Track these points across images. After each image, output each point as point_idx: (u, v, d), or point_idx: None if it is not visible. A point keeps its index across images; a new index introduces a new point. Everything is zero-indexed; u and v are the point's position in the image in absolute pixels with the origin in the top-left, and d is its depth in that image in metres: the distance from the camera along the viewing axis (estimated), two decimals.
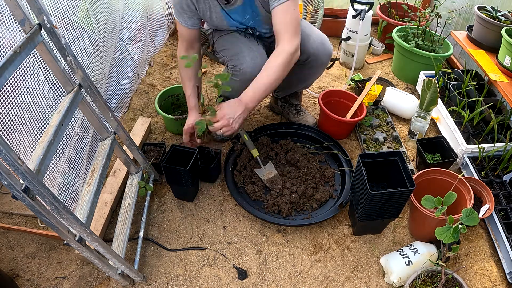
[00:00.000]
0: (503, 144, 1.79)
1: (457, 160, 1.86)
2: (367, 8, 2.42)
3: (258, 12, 1.61)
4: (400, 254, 1.48)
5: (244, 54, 1.59)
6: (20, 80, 1.16)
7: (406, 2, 2.90)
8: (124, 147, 1.57)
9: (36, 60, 1.25)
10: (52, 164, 1.26)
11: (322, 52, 1.70)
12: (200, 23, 1.70)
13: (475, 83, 2.13)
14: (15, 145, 1.12)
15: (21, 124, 1.16)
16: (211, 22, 1.68)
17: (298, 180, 1.76)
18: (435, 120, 2.17)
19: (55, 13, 1.35)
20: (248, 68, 1.58)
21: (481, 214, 1.55)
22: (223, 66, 1.80)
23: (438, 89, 1.89)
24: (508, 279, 1.49)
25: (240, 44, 1.64)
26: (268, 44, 1.84)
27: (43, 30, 1.03)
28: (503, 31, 2.00)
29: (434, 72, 2.33)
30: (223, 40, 1.72)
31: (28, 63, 1.20)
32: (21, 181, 0.87)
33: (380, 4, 2.98)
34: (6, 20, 1.07)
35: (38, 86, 1.25)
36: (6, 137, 1.08)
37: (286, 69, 1.50)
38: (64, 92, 1.23)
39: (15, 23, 1.09)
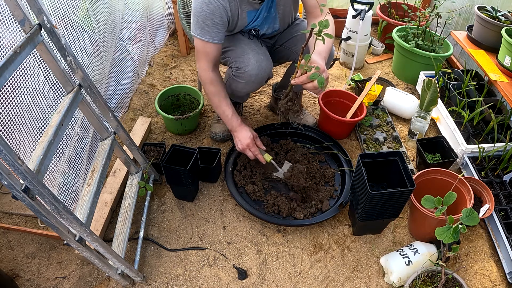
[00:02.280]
0: (503, 144, 1.79)
1: (457, 160, 1.86)
2: (367, 8, 2.42)
3: (275, 8, 1.61)
4: (400, 254, 1.48)
5: (249, 56, 1.59)
6: (20, 80, 1.16)
7: (406, 2, 2.90)
8: (124, 147, 1.57)
9: (36, 60, 1.25)
10: (52, 164, 1.27)
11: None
12: None
13: (475, 83, 2.13)
14: (15, 145, 1.12)
15: (21, 124, 1.16)
16: (231, 27, 1.60)
17: (302, 178, 1.77)
18: (435, 120, 2.17)
19: (55, 13, 1.35)
20: (253, 70, 1.58)
21: (481, 214, 1.55)
22: (225, 66, 1.78)
23: (438, 89, 1.89)
24: (508, 279, 1.49)
25: (245, 45, 1.64)
26: (271, 45, 1.84)
27: (43, 30, 1.03)
28: (503, 31, 2.00)
29: (434, 72, 2.33)
30: (228, 42, 1.71)
31: (28, 63, 1.20)
32: (21, 181, 0.87)
33: (380, 4, 2.98)
34: (6, 20, 1.07)
35: (38, 86, 1.25)
36: (6, 137, 1.08)
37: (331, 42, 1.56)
38: (64, 92, 1.23)
39: (15, 23, 1.09)
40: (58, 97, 1.36)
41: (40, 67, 1.26)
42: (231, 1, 1.47)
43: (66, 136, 1.40)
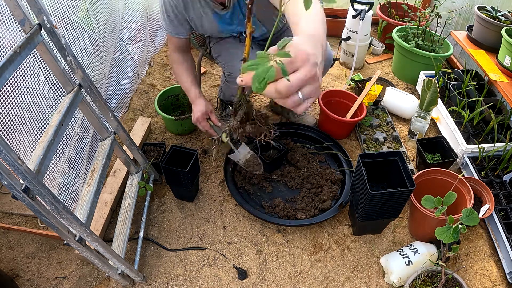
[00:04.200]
0: (503, 144, 1.79)
1: (457, 160, 1.86)
2: (367, 8, 2.42)
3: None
4: (400, 254, 1.48)
5: (239, 60, 1.59)
6: (20, 80, 1.16)
7: (406, 2, 2.90)
8: (124, 147, 1.57)
9: (36, 60, 1.25)
10: (52, 164, 1.26)
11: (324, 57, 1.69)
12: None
13: (475, 83, 2.13)
14: (15, 145, 1.12)
15: (21, 124, 1.15)
16: (202, 30, 1.65)
17: (299, 180, 1.77)
18: (435, 120, 2.17)
19: (55, 13, 1.35)
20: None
21: (481, 214, 1.55)
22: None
23: (438, 89, 1.89)
24: (508, 279, 1.49)
25: (235, 50, 1.63)
26: (263, 47, 1.83)
27: (43, 30, 1.03)
28: (503, 31, 2.00)
29: (434, 72, 2.33)
30: (219, 46, 1.72)
31: (28, 63, 1.20)
32: (21, 181, 0.87)
33: (380, 4, 2.98)
34: (6, 20, 1.07)
35: (38, 86, 1.25)
36: (6, 137, 1.08)
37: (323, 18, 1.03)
38: (64, 92, 1.23)
39: (15, 23, 1.09)
40: (58, 97, 1.36)
41: (40, 67, 1.26)
42: (191, 4, 1.51)
43: (66, 136, 1.39)
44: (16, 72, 1.14)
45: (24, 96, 1.18)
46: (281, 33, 1.80)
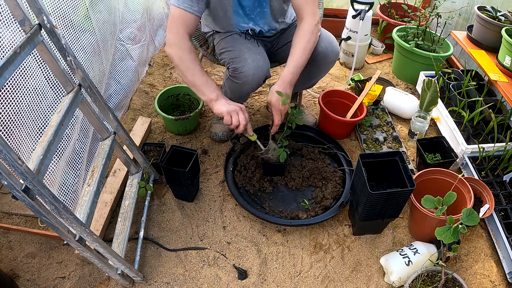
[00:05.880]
0: (503, 144, 1.79)
1: (457, 160, 1.86)
2: (367, 8, 2.42)
3: (267, 2, 1.61)
4: (400, 254, 1.48)
5: (246, 56, 1.59)
6: (20, 80, 1.16)
7: (406, 2, 2.90)
8: (124, 147, 1.57)
9: (36, 60, 1.25)
10: (52, 164, 1.26)
11: (330, 51, 1.71)
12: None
13: (475, 83, 2.13)
14: (15, 145, 1.12)
15: (21, 124, 1.15)
16: (214, 12, 1.62)
17: (299, 180, 1.77)
18: (435, 120, 2.17)
19: (55, 13, 1.35)
20: (250, 70, 1.58)
21: (481, 214, 1.55)
22: (222, 66, 1.78)
23: (438, 89, 1.89)
24: (508, 279, 1.49)
25: (241, 46, 1.63)
26: (270, 44, 1.84)
27: (43, 30, 1.03)
28: (503, 31, 2.00)
29: (434, 72, 2.33)
30: (224, 42, 1.71)
31: (28, 63, 1.20)
32: (21, 181, 0.87)
33: (380, 4, 2.98)
34: (6, 20, 1.07)
35: (38, 86, 1.25)
36: (6, 137, 1.08)
37: (314, 41, 1.56)
38: (64, 92, 1.23)
39: (15, 23, 1.09)
40: (58, 97, 1.36)
41: (40, 67, 1.26)
42: None
43: (66, 136, 1.39)
44: (16, 72, 1.14)
45: (24, 96, 1.18)
46: (285, 31, 1.82)
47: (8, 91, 1.10)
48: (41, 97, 1.27)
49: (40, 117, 1.26)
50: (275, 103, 1.55)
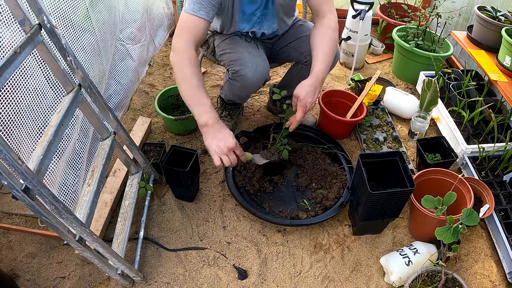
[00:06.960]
0: (503, 144, 1.79)
1: (457, 160, 1.86)
2: (367, 8, 2.42)
3: (273, 4, 1.61)
4: (400, 254, 1.48)
5: (246, 59, 1.58)
6: (20, 80, 1.16)
7: (406, 2, 2.90)
8: (124, 147, 1.57)
9: (36, 60, 1.25)
10: (52, 164, 1.27)
11: None
12: None
13: (475, 83, 2.13)
14: (15, 145, 1.12)
15: (21, 124, 1.16)
16: (220, 17, 1.62)
17: (301, 179, 1.77)
18: (435, 120, 2.17)
19: (55, 13, 1.35)
20: (249, 73, 1.58)
21: (481, 214, 1.55)
22: (223, 67, 1.78)
23: (438, 89, 1.89)
24: (508, 279, 1.49)
25: (242, 49, 1.63)
26: (271, 45, 1.84)
27: (43, 30, 1.03)
28: (503, 31, 2.00)
29: (434, 72, 2.33)
30: (224, 44, 1.70)
31: (28, 63, 1.20)
32: (21, 181, 0.87)
33: (380, 4, 2.98)
34: (6, 20, 1.07)
35: (38, 86, 1.25)
36: (6, 137, 1.08)
37: (337, 39, 1.61)
38: (64, 92, 1.23)
39: (15, 23, 1.09)
40: (58, 97, 1.36)
41: (40, 67, 1.26)
42: None
43: (66, 136, 1.39)
44: (16, 72, 1.14)
45: (24, 96, 1.18)
46: (286, 32, 1.81)
47: (8, 91, 1.10)
48: (41, 97, 1.27)
49: (40, 117, 1.26)
50: (303, 98, 1.50)
